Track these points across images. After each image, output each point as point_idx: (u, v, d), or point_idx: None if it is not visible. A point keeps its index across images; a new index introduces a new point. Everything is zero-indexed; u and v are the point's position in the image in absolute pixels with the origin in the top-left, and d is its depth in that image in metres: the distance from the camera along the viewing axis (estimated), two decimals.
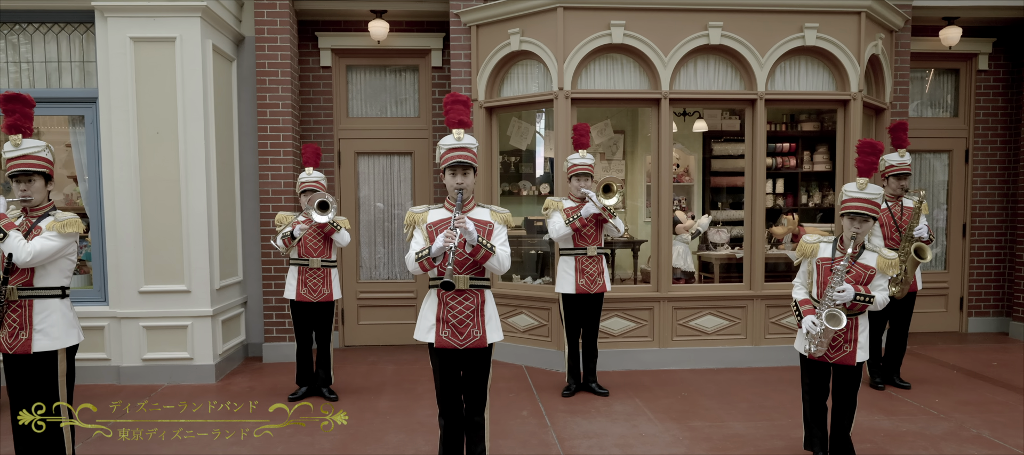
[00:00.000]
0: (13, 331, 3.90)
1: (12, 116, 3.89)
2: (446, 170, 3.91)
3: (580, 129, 6.13)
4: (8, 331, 3.90)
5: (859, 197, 4.10)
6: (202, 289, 6.73)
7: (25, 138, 3.94)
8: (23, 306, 3.91)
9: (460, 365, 4.02)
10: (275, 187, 7.48)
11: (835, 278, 4.02)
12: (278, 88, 7.44)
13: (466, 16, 7.36)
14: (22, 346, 3.89)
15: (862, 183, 4.14)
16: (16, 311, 3.91)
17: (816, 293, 4.18)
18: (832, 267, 4.12)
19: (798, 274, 4.37)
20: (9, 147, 3.90)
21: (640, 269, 8.29)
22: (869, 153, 4.26)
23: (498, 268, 3.90)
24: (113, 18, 6.48)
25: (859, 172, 4.23)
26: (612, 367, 7.00)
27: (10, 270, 3.85)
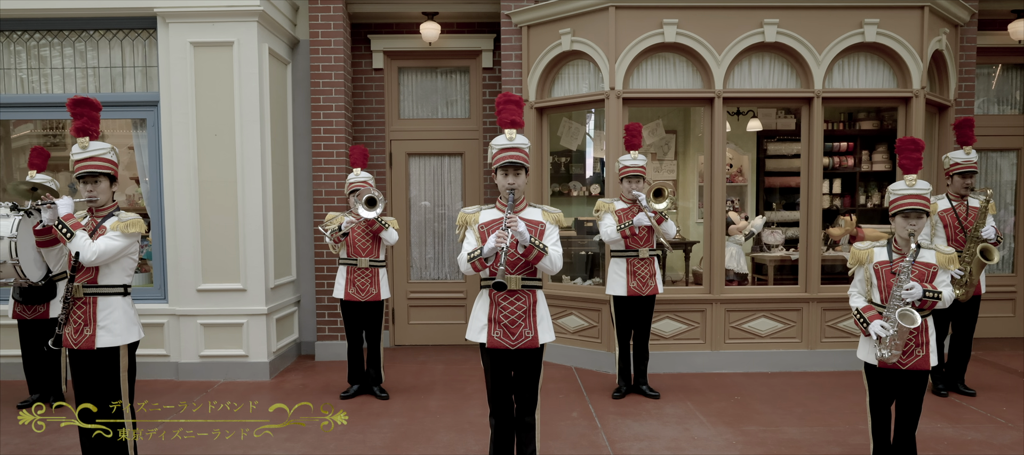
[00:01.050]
0: (78, 327, 4.03)
1: (80, 119, 4.01)
2: (498, 170, 3.91)
3: (632, 129, 6.07)
4: (73, 327, 4.03)
5: (910, 193, 4.00)
6: (257, 288, 6.87)
7: (92, 140, 4.06)
8: (87, 303, 4.03)
9: (511, 365, 4.01)
10: (328, 188, 7.59)
11: (902, 276, 3.91)
12: (331, 90, 7.55)
13: (517, 17, 7.37)
14: (86, 342, 4.01)
15: (911, 179, 4.04)
16: (81, 308, 4.03)
17: (879, 298, 4.06)
18: (892, 268, 4.00)
19: (854, 282, 4.25)
20: (77, 149, 4.02)
21: (692, 270, 8.19)
22: (912, 149, 4.15)
23: (550, 268, 3.89)
24: (174, 24, 6.65)
25: (905, 170, 4.12)
26: (663, 369, 6.92)
27: (77, 268, 3.98)
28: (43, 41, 7.01)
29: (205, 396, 6.30)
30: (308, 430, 5.39)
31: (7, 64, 7.03)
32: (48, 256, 4.14)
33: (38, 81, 7.06)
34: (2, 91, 7.04)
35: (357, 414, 5.81)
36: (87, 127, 4.03)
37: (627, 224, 5.87)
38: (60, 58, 7.04)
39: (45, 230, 4.01)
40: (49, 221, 3.92)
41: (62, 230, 3.90)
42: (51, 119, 7.65)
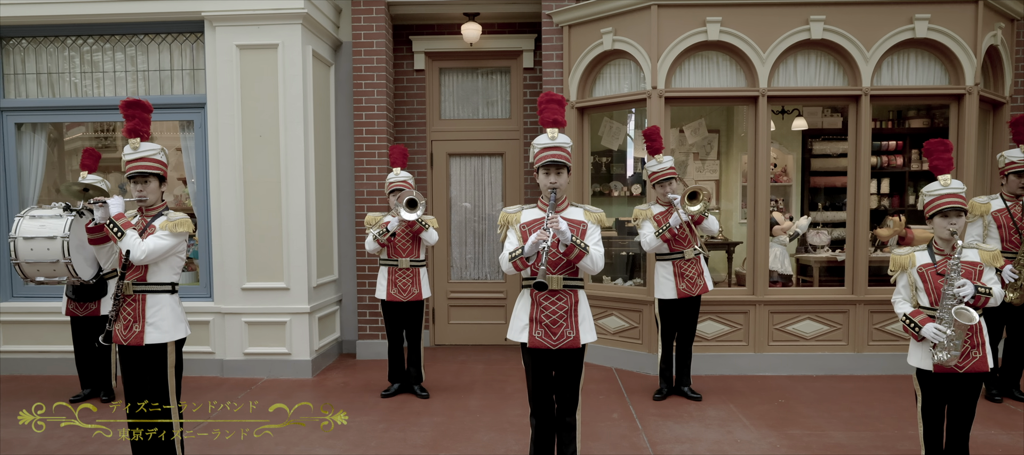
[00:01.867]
0: (128, 323, 4.12)
1: (132, 121, 4.11)
2: (540, 169, 3.90)
3: (651, 133, 5.96)
4: (123, 323, 4.12)
5: (947, 193, 3.93)
6: (300, 287, 6.95)
7: (143, 142, 4.15)
8: (137, 300, 4.12)
9: (552, 365, 4.00)
10: (370, 188, 7.66)
11: (952, 274, 3.82)
12: (373, 91, 7.62)
13: (558, 16, 7.35)
14: (135, 338, 4.10)
15: (945, 179, 3.98)
16: (131, 305, 4.12)
17: (927, 302, 3.96)
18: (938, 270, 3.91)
19: (897, 288, 4.15)
20: (128, 150, 4.12)
21: (734, 271, 8.08)
22: (943, 150, 4.10)
23: (592, 268, 3.87)
24: (221, 27, 6.77)
25: (939, 170, 4.05)
26: (705, 371, 6.84)
27: (127, 266, 4.07)
28: (95, 46, 7.19)
29: (248, 393, 6.40)
30: (350, 428, 5.44)
31: (61, 68, 7.23)
32: (100, 254, 4.24)
33: (91, 85, 7.24)
34: (56, 94, 7.24)
35: (397, 412, 5.85)
36: (138, 128, 4.12)
37: (664, 228, 5.80)
38: (111, 62, 7.21)
39: (97, 228, 4.11)
40: (100, 219, 4.01)
41: (113, 229, 4.00)
42: (102, 121, 7.85)
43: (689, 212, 5.80)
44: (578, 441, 4.11)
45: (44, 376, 7.05)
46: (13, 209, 7.11)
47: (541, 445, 4.08)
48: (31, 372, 7.14)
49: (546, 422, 4.07)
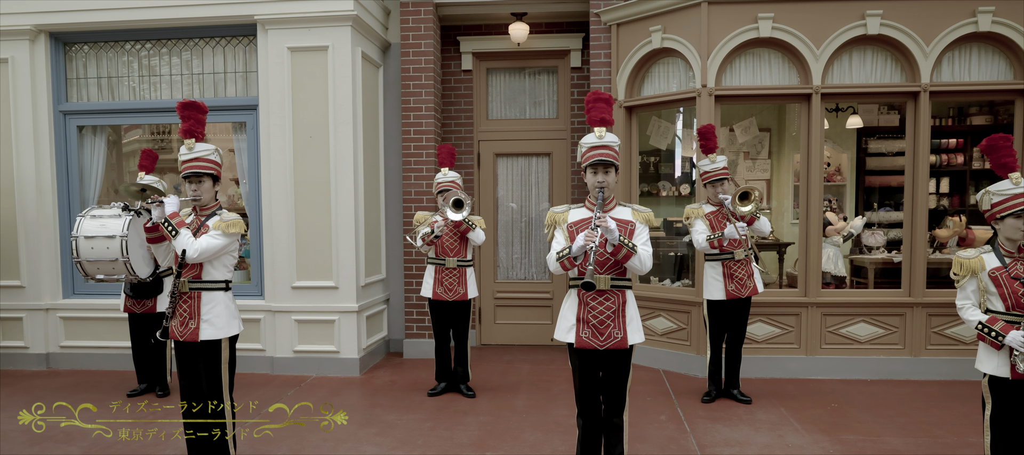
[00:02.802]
0: (183, 320, 4.22)
1: (188, 122, 4.21)
2: (587, 169, 3.87)
3: (706, 132, 5.89)
4: (179, 320, 4.23)
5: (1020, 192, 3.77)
6: (349, 286, 7.03)
7: (198, 142, 4.24)
8: (192, 297, 4.22)
9: (600, 366, 3.97)
10: (417, 188, 7.71)
11: None
12: (421, 92, 7.67)
13: (606, 15, 7.30)
14: (191, 334, 4.19)
15: (1016, 178, 3.81)
16: (186, 302, 4.23)
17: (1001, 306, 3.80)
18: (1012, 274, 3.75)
19: (963, 293, 3.97)
20: (184, 150, 4.22)
21: (786, 273, 7.93)
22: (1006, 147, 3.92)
23: (640, 268, 3.83)
24: (273, 30, 6.89)
25: (1006, 168, 3.87)
26: (754, 374, 6.73)
27: (182, 265, 4.17)
28: (152, 50, 7.39)
29: (298, 391, 6.50)
30: (397, 425, 5.48)
31: (120, 72, 7.44)
32: (157, 253, 4.35)
33: (148, 88, 7.44)
34: (115, 98, 7.46)
35: (444, 411, 5.87)
36: (194, 129, 4.22)
37: (717, 235, 5.71)
38: (167, 66, 7.40)
39: (153, 228, 4.22)
40: (157, 219, 4.12)
41: (168, 228, 4.10)
42: (159, 124, 8.05)
43: (740, 212, 5.70)
44: (625, 442, 4.07)
45: (103, 371, 7.26)
46: (75, 209, 7.33)
47: (588, 446, 4.05)
48: (90, 367, 7.36)
49: (593, 423, 4.04)
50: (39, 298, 7.34)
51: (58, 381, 6.89)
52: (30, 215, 7.25)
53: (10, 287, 7.33)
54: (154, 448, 5.03)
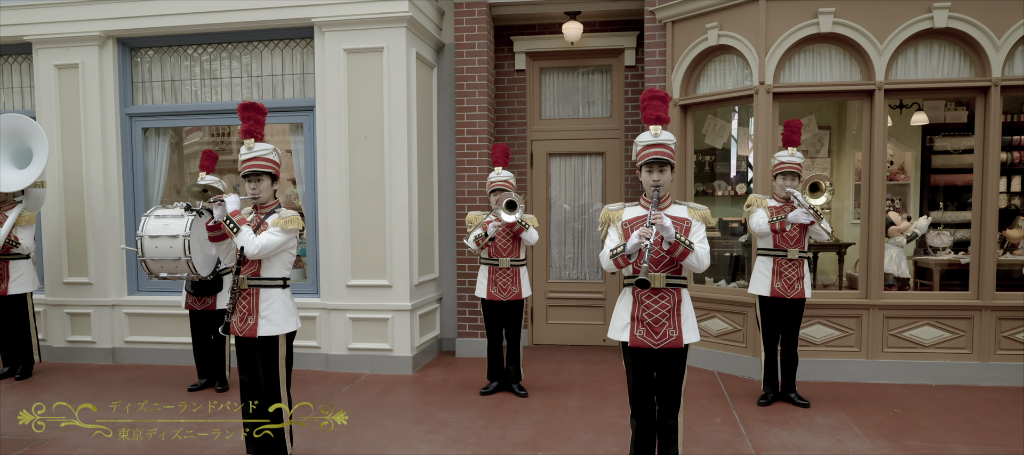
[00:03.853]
0: (243, 316, 4.31)
1: (247, 122, 4.30)
2: (642, 167, 3.84)
3: (792, 125, 5.79)
4: (239, 316, 4.32)
5: None
6: (402, 284, 7.09)
7: (257, 142, 4.33)
8: (251, 294, 4.31)
9: (654, 366, 3.92)
10: (470, 187, 7.74)
11: None
12: (475, 92, 7.69)
13: (661, 12, 7.22)
14: (249, 330, 4.28)
15: None
16: (246, 298, 4.32)
17: None
18: None
19: None
20: (244, 150, 4.31)
21: (846, 274, 7.72)
22: None
23: (697, 266, 3.77)
24: (330, 32, 6.99)
25: None
26: (812, 377, 6.57)
27: (242, 262, 4.26)
28: (213, 54, 7.57)
29: (352, 388, 6.57)
30: (450, 423, 5.51)
31: (183, 76, 7.65)
32: (219, 251, 4.46)
33: (209, 90, 7.63)
34: (178, 100, 7.67)
35: (496, 410, 5.88)
36: (253, 130, 4.31)
37: (780, 218, 5.59)
38: (227, 69, 7.58)
39: (216, 226, 4.32)
40: (218, 217, 4.22)
41: (229, 225, 4.19)
42: (218, 125, 8.25)
43: (810, 204, 5.56)
44: (680, 444, 4.02)
45: (164, 366, 7.47)
46: (139, 209, 7.56)
47: (642, 447, 4.01)
48: (153, 362, 7.58)
49: (647, 424, 4.00)
50: (105, 295, 7.59)
51: (123, 375, 7.11)
52: (98, 214, 7.50)
53: (79, 284, 7.60)
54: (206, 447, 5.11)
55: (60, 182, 7.52)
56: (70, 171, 7.52)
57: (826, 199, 5.60)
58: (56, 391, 6.51)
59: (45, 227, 7.63)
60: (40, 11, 7.37)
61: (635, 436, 4.05)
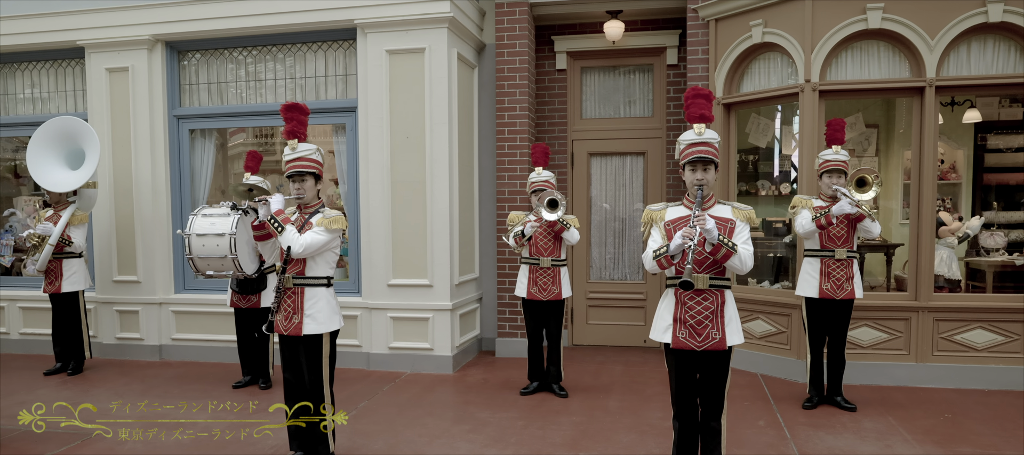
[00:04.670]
0: (288, 314, 4.36)
1: (291, 123, 4.35)
2: (685, 166, 3.80)
3: (835, 124, 5.69)
4: (284, 314, 4.37)
5: None
6: (443, 284, 7.12)
7: (300, 143, 4.38)
8: (296, 293, 4.36)
9: (697, 367, 3.87)
10: (511, 187, 7.74)
11: None
12: (516, 92, 7.69)
13: (704, 10, 7.14)
14: (294, 328, 4.33)
15: None
16: (290, 297, 4.37)
17: None
18: None
19: None
20: (287, 150, 4.37)
21: (894, 275, 7.55)
22: None
23: (740, 268, 3.72)
24: (372, 33, 7.05)
25: None
26: (859, 381, 6.43)
27: (287, 261, 4.31)
28: (258, 56, 7.70)
29: (392, 387, 6.62)
30: (490, 423, 5.51)
31: (227, 78, 7.79)
32: (264, 249, 4.53)
33: (253, 92, 7.75)
34: (223, 102, 7.80)
35: (537, 410, 5.87)
36: (297, 130, 4.36)
37: (823, 213, 5.48)
38: (271, 71, 7.69)
39: (261, 226, 4.37)
40: (264, 217, 4.28)
41: (274, 225, 4.25)
42: (262, 126, 8.37)
43: (857, 199, 5.45)
44: (723, 447, 3.97)
45: (209, 363, 7.61)
46: (186, 209, 7.72)
47: (684, 449, 3.97)
48: (198, 359, 7.73)
49: (689, 426, 3.96)
50: (153, 293, 7.76)
51: (169, 372, 7.26)
52: (146, 214, 7.67)
53: (128, 282, 7.78)
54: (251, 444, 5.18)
55: (110, 183, 7.71)
56: (120, 172, 7.70)
57: (874, 194, 5.47)
58: (106, 387, 6.67)
59: (96, 227, 7.83)
60: (92, 16, 7.56)
61: (677, 438, 4.01)
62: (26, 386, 6.71)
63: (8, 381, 6.84)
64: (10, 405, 5.95)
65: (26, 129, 8.04)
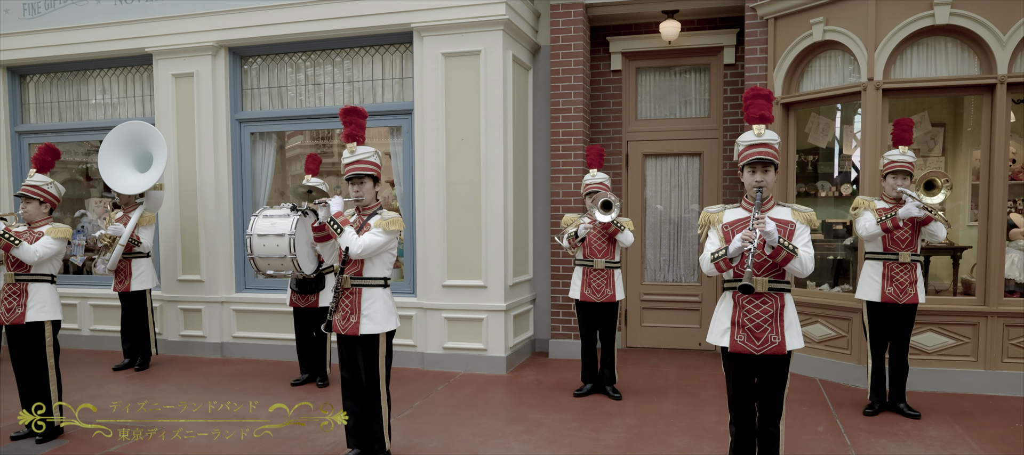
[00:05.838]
0: (345, 314, 4.44)
1: (350, 126, 4.43)
2: (744, 167, 3.75)
3: (903, 124, 5.54)
4: (341, 314, 4.46)
5: None
6: (497, 285, 7.15)
7: (359, 146, 4.46)
8: (354, 293, 4.44)
9: (755, 372, 3.82)
10: (565, 188, 7.74)
11: None
12: (570, 93, 7.69)
13: (763, 9, 7.02)
14: (352, 328, 4.41)
15: None
16: (348, 297, 4.45)
17: None
18: None
19: None
20: (346, 153, 4.45)
21: (961, 279, 7.31)
22: None
23: (800, 271, 3.66)
24: (428, 37, 7.13)
25: None
26: (922, 387, 6.24)
27: (346, 261, 4.39)
28: (316, 60, 7.85)
29: (447, 386, 6.67)
30: (544, 424, 5.52)
31: (287, 82, 7.96)
32: (323, 250, 4.63)
33: (311, 96, 7.91)
34: (283, 106, 7.98)
35: (590, 412, 5.85)
36: (355, 133, 4.45)
37: (888, 216, 5.34)
38: (329, 75, 7.84)
39: (320, 227, 4.47)
40: (323, 219, 4.37)
41: (333, 226, 4.33)
42: (320, 129, 8.53)
43: (925, 202, 5.30)
44: (781, 452, 3.91)
45: (269, 361, 7.78)
46: (247, 210, 7.91)
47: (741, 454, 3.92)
48: (258, 357, 7.92)
49: (746, 431, 3.91)
50: (215, 292, 7.97)
51: (230, 369, 7.45)
52: (209, 216, 7.89)
53: (192, 281, 8.01)
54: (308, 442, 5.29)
55: (175, 185, 7.95)
56: (185, 174, 7.94)
57: (943, 197, 5.30)
58: (170, 382, 6.88)
59: (162, 227, 8.09)
60: (160, 24, 7.82)
61: (734, 443, 3.96)
62: (97, 381, 6.97)
63: (79, 376, 7.11)
64: (81, 398, 6.18)
65: (97, 133, 8.36)
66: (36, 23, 8.29)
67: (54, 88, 8.80)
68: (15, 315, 5.07)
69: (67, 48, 8.21)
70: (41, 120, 8.87)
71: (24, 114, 8.90)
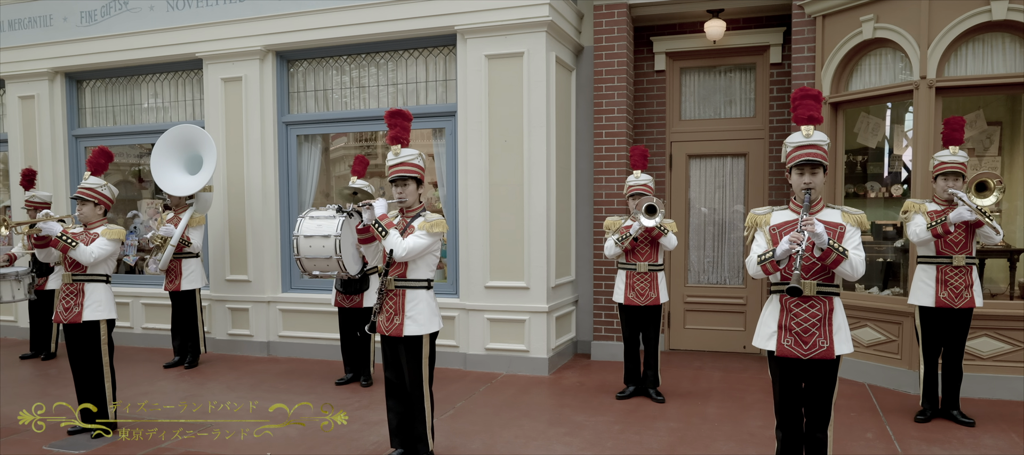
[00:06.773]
0: (389, 316, 4.48)
1: (394, 129, 4.47)
2: (792, 169, 3.70)
3: (953, 123, 5.39)
4: (385, 315, 4.49)
5: None
6: (539, 286, 7.15)
7: (403, 148, 4.49)
8: (398, 295, 4.47)
9: (802, 376, 3.76)
10: (608, 190, 7.70)
11: None
12: (614, 94, 7.65)
13: (810, 6, 6.90)
14: (396, 329, 4.45)
15: None
16: (392, 299, 4.49)
17: None
18: None
19: None
20: (391, 156, 4.48)
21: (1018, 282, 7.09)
22: None
23: (851, 274, 3.59)
24: (472, 39, 7.16)
25: None
26: (977, 394, 6.06)
27: (390, 263, 4.43)
28: (360, 63, 7.95)
29: (489, 388, 6.69)
30: (586, 426, 5.50)
31: (329, 85, 8.07)
32: (367, 252, 4.67)
33: (355, 98, 8.01)
34: (328, 108, 8.09)
35: (633, 415, 5.82)
36: (400, 136, 4.48)
37: (941, 220, 5.20)
38: (373, 78, 7.93)
39: (365, 229, 4.51)
40: (368, 221, 4.41)
41: (378, 228, 4.37)
42: (364, 131, 8.63)
43: (977, 204, 5.15)
44: None
45: (314, 360, 7.89)
46: (293, 212, 8.04)
47: None
48: (303, 356, 8.03)
49: (793, 436, 3.85)
50: (262, 292, 8.11)
51: (276, 367, 7.57)
52: (256, 217, 8.04)
53: (239, 281, 8.17)
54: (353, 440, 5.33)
55: (224, 186, 8.12)
56: (233, 176, 8.10)
57: (996, 199, 5.14)
58: (219, 380, 7.02)
59: (211, 228, 8.26)
60: (210, 29, 8.00)
61: (780, 448, 3.91)
62: (148, 378, 7.15)
63: (132, 373, 7.30)
64: (133, 395, 6.35)
65: (149, 137, 8.58)
66: (93, 30, 8.54)
67: (109, 93, 9.06)
68: (72, 314, 5.23)
69: (121, 54, 8.45)
70: (96, 124, 9.13)
71: (80, 118, 9.17)
